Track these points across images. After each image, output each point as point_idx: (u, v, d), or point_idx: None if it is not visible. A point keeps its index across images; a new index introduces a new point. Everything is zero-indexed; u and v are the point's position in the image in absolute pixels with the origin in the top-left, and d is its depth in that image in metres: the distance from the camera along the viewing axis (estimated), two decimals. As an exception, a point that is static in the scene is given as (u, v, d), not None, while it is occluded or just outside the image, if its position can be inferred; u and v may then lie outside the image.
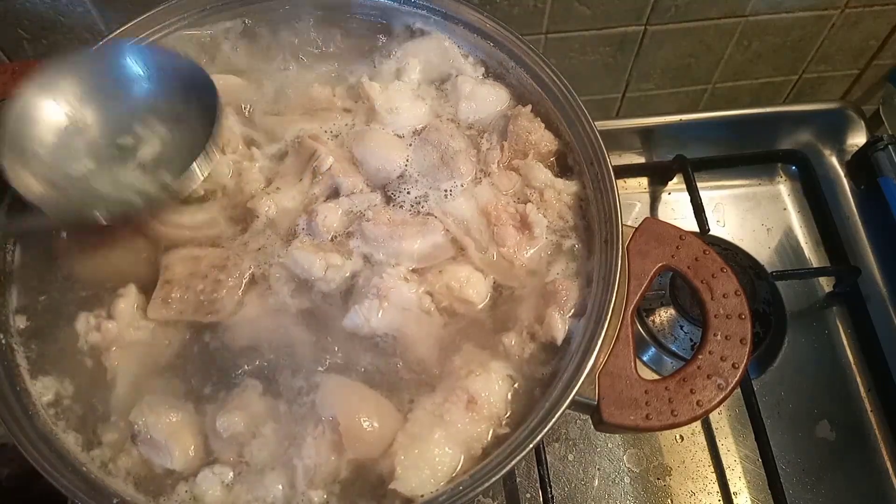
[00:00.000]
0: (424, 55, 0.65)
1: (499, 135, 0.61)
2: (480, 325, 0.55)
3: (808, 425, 0.77)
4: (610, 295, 0.50)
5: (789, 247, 0.88)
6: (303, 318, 0.55)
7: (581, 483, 0.73)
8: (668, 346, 0.80)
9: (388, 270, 0.54)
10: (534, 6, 0.80)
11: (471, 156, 0.60)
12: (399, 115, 0.61)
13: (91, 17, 0.75)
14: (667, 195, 0.91)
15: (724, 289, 0.52)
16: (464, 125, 0.62)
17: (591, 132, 0.56)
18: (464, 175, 0.59)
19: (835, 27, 0.89)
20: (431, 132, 0.60)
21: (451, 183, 0.59)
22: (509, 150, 0.60)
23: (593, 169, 0.56)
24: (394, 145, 0.60)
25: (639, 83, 0.95)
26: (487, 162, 0.60)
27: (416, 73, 0.64)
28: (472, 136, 0.62)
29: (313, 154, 0.58)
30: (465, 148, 0.60)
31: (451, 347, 0.53)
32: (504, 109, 0.62)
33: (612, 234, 0.52)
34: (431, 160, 0.59)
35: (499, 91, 0.63)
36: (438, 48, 0.64)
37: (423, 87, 0.64)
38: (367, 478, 0.49)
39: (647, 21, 0.84)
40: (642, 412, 0.49)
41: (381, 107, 0.61)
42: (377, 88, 0.62)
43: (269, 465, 0.49)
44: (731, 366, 0.50)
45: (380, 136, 0.60)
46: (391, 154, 0.60)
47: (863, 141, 0.92)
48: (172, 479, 0.50)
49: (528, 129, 0.59)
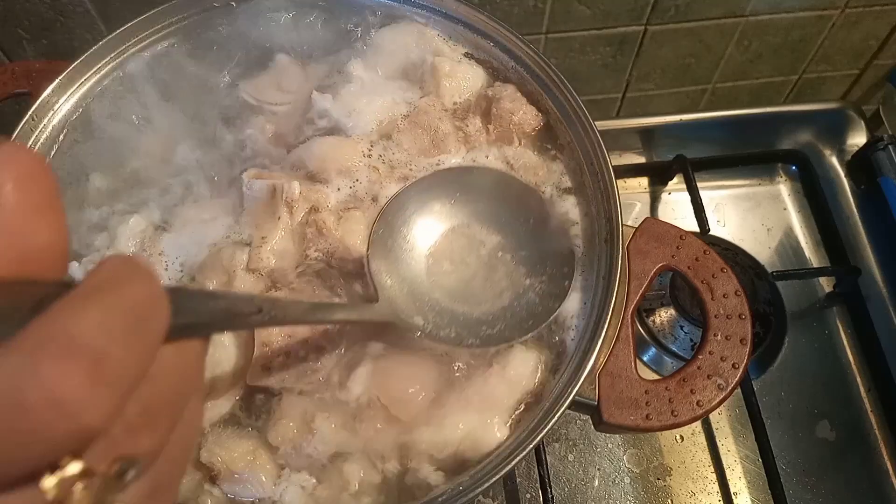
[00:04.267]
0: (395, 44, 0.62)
1: (482, 116, 0.60)
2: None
3: (808, 425, 0.76)
4: (610, 295, 0.50)
5: (789, 247, 0.88)
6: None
7: (581, 483, 0.73)
8: (668, 346, 0.80)
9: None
10: (534, 6, 0.80)
11: (459, 138, 0.59)
12: (360, 115, 0.59)
13: (91, 17, 0.75)
14: (667, 195, 0.91)
15: (724, 289, 0.52)
16: (449, 107, 0.61)
17: (591, 132, 0.56)
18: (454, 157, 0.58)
19: (835, 27, 0.89)
20: (420, 115, 0.59)
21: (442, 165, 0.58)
22: (494, 132, 0.59)
23: (593, 169, 0.56)
24: (341, 145, 0.58)
25: (639, 83, 0.95)
26: (475, 144, 0.59)
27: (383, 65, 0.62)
28: (457, 118, 0.61)
29: (273, 189, 0.54)
30: (453, 130, 0.59)
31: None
32: (485, 88, 0.61)
33: (612, 234, 0.52)
34: (422, 143, 0.58)
35: (477, 70, 0.62)
36: (412, 34, 0.63)
37: (389, 78, 0.62)
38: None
39: (648, 21, 0.84)
40: (642, 412, 0.49)
41: (339, 114, 0.58)
42: (329, 99, 0.59)
43: (340, 455, 0.48)
44: (732, 366, 0.50)
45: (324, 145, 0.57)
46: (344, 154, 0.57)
47: (863, 141, 0.92)
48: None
49: (511, 111, 0.58)
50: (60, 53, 0.78)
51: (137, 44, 0.60)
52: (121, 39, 0.60)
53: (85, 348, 0.17)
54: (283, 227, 0.54)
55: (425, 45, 0.63)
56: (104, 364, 0.17)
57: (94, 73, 0.59)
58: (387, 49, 0.63)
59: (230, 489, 0.48)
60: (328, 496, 0.48)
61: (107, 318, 0.18)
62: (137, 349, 0.18)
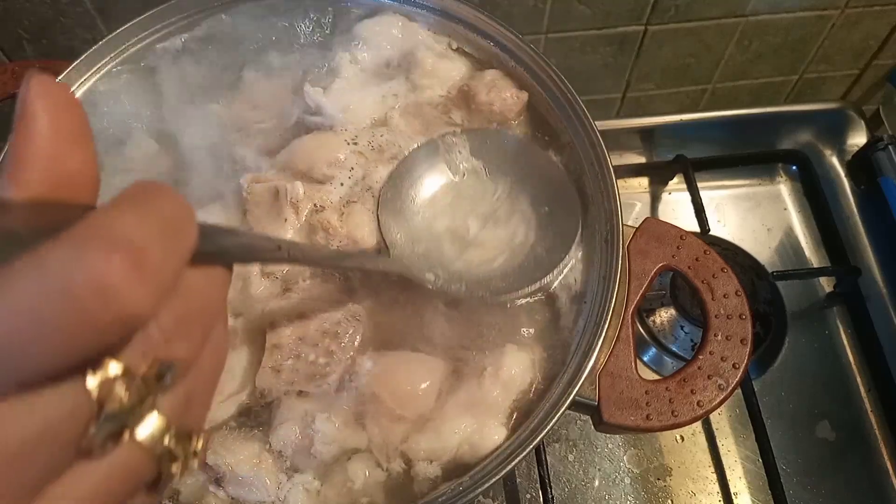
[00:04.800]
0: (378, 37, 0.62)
1: (466, 107, 0.60)
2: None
3: (808, 425, 0.76)
4: (610, 295, 0.50)
5: (790, 247, 0.88)
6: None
7: (581, 483, 0.72)
8: (668, 346, 0.80)
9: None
10: (534, 6, 0.80)
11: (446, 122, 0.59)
12: (354, 111, 0.58)
13: (91, 17, 0.75)
14: (667, 195, 0.91)
15: (724, 289, 0.52)
16: (435, 98, 0.61)
17: (592, 132, 0.56)
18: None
19: (835, 27, 0.89)
20: (409, 107, 0.59)
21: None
22: (478, 122, 0.60)
23: (593, 169, 0.56)
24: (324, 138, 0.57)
25: (639, 83, 0.95)
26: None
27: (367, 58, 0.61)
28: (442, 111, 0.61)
29: (276, 192, 0.54)
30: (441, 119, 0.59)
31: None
32: (466, 79, 0.61)
33: (612, 234, 0.52)
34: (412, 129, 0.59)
35: (459, 62, 0.62)
36: (394, 25, 0.62)
37: (376, 71, 0.62)
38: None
39: (648, 21, 0.84)
40: (643, 412, 0.49)
41: (333, 110, 0.58)
42: (321, 92, 0.58)
43: (344, 455, 0.48)
44: (732, 366, 0.50)
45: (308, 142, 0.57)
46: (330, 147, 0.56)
47: (863, 141, 0.92)
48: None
49: (490, 101, 0.58)
50: (60, 53, 0.78)
51: (137, 44, 0.60)
52: (121, 39, 0.59)
53: (127, 243, 0.18)
54: (290, 227, 0.54)
55: (410, 36, 0.63)
56: (144, 258, 0.18)
57: (93, 73, 0.59)
58: (373, 42, 0.62)
59: (235, 491, 0.48)
60: (333, 496, 0.48)
61: (144, 221, 0.19)
62: (172, 252, 0.20)
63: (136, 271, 0.18)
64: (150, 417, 0.21)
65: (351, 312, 0.51)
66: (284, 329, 0.49)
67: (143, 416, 0.21)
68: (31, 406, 0.18)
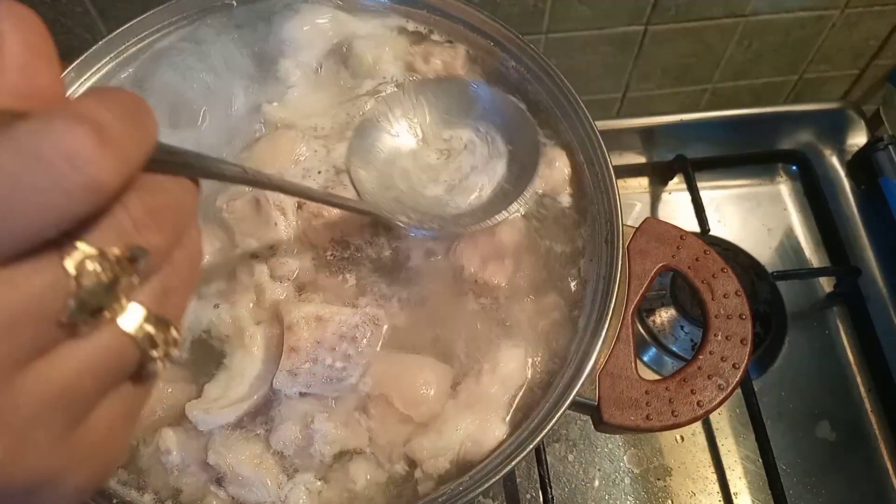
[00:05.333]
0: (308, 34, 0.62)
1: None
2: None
3: (808, 426, 0.76)
4: (610, 295, 0.50)
5: (790, 247, 0.88)
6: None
7: (581, 483, 0.72)
8: (668, 346, 0.80)
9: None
10: (534, 6, 0.80)
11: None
12: (317, 117, 0.59)
13: (91, 16, 0.75)
14: (667, 195, 0.91)
15: (724, 289, 0.52)
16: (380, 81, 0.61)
17: (592, 132, 0.56)
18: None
19: (835, 27, 0.89)
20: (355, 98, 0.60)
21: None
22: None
23: (593, 169, 0.56)
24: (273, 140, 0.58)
25: (639, 83, 0.95)
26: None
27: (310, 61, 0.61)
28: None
29: (256, 202, 0.54)
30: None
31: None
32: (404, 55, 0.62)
33: (612, 234, 0.52)
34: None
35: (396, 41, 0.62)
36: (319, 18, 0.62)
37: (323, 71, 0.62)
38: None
39: (648, 21, 0.84)
40: (643, 412, 0.49)
41: (299, 121, 0.58)
42: (277, 107, 0.58)
43: (345, 455, 0.48)
44: (732, 366, 0.50)
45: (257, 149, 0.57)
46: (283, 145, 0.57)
47: (863, 141, 0.92)
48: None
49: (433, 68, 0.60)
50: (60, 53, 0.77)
51: (137, 43, 0.60)
52: (121, 39, 0.59)
53: (90, 119, 0.20)
54: (283, 229, 0.54)
55: (339, 26, 0.63)
56: (107, 133, 0.20)
57: (93, 73, 0.59)
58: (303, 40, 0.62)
59: (236, 492, 0.48)
60: (334, 497, 0.48)
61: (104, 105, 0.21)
62: (133, 134, 0.21)
63: (100, 144, 0.19)
64: (130, 306, 0.22)
65: (369, 316, 0.51)
66: (302, 332, 0.49)
67: (121, 300, 0.22)
68: (12, 279, 0.19)
